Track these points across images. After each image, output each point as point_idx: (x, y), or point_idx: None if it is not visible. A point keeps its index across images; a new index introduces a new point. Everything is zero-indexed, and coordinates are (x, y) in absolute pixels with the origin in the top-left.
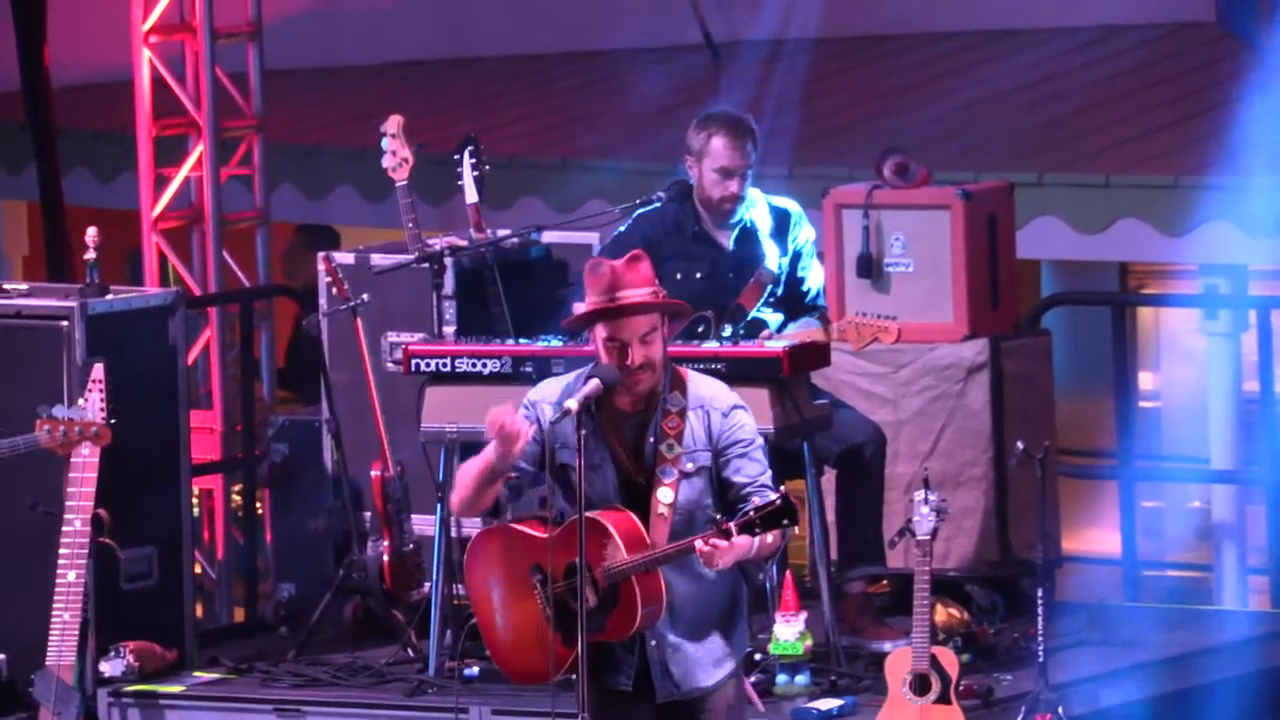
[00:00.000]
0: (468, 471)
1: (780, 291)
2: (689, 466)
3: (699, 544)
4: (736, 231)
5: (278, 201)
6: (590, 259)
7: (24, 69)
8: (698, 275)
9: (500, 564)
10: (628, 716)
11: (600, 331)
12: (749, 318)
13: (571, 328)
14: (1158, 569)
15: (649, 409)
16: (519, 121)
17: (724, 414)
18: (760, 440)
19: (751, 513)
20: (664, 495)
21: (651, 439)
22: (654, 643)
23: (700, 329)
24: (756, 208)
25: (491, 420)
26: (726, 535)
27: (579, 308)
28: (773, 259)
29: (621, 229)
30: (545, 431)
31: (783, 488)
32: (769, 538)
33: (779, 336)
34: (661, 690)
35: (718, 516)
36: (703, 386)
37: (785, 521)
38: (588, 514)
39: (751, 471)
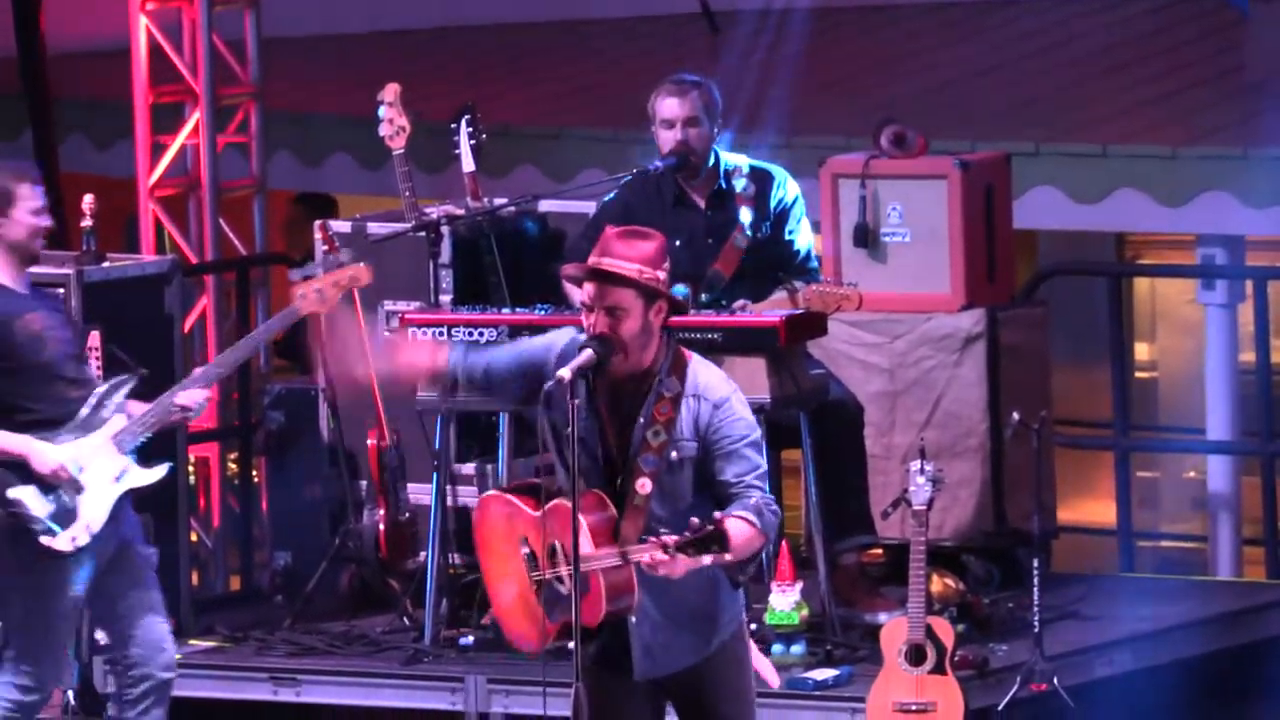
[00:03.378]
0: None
1: (766, 254)
2: (674, 456)
3: (645, 558)
4: (711, 195)
5: (274, 169)
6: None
7: (20, 36)
8: (676, 243)
9: (498, 530)
10: (621, 690)
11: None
12: (726, 283)
13: (570, 279)
14: (1153, 540)
15: (643, 386)
16: (516, 90)
17: (715, 405)
18: (755, 435)
19: (687, 534)
20: (641, 485)
21: (641, 421)
22: (634, 620)
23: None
24: (736, 173)
25: None
26: (666, 550)
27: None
28: (748, 225)
29: (608, 196)
30: (541, 403)
31: (731, 514)
32: (730, 550)
33: (754, 308)
34: (641, 669)
35: (663, 533)
36: (700, 374)
37: (714, 548)
38: (564, 502)
39: (739, 469)
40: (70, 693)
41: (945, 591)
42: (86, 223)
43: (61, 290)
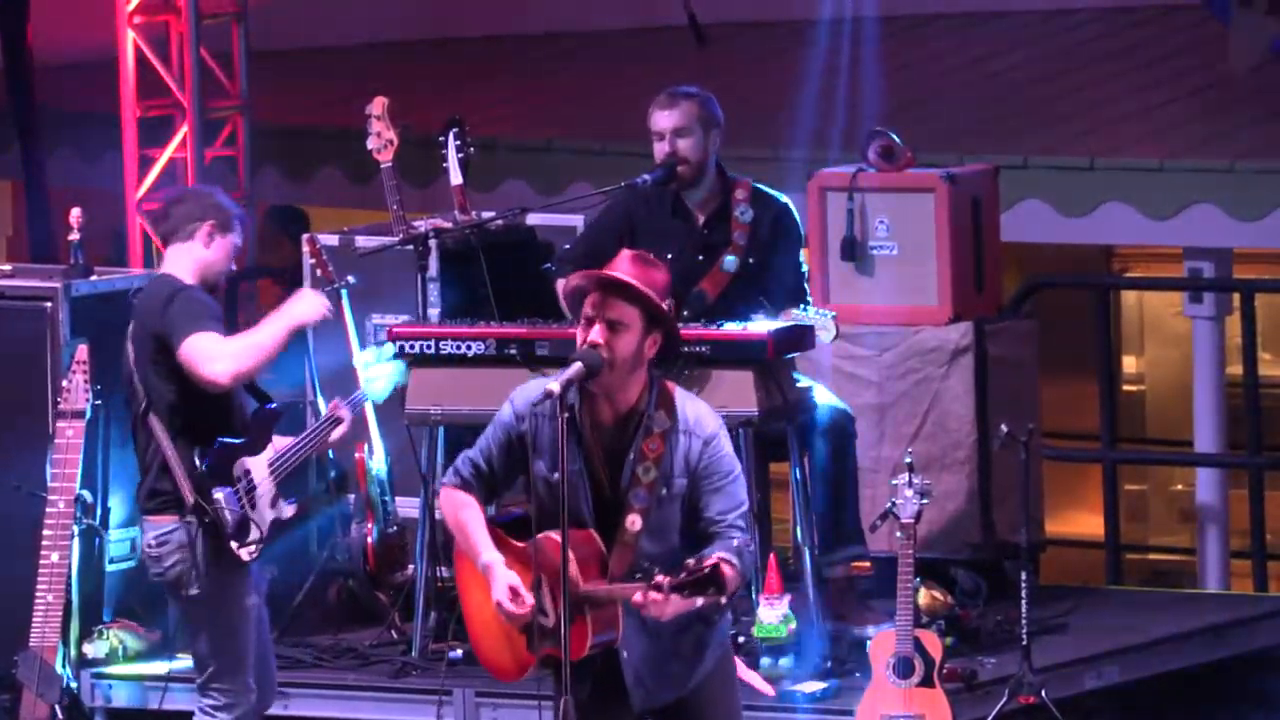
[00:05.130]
0: (461, 537)
1: (755, 281)
2: (664, 492)
3: (637, 596)
4: (711, 214)
5: (262, 183)
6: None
7: (7, 48)
8: (668, 256)
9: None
10: (612, 716)
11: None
12: (707, 305)
13: (567, 297)
14: (1141, 552)
15: (630, 425)
16: (504, 104)
17: (705, 441)
18: (738, 470)
19: (684, 575)
20: (631, 523)
21: (631, 457)
22: (625, 654)
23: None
24: (739, 194)
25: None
26: (660, 590)
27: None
28: (741, 249)
29: (605, 206)
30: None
31: (716, 556)
32: (725, 593)
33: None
34: (636, 699)
35: (655, 571)
36: (689, 409)
37: (711, 590)
38: (551, 535)
39: (723, 507)
40: (57, 706)
41: (933, 604)
42: (74, 236)
43: (49, 304)
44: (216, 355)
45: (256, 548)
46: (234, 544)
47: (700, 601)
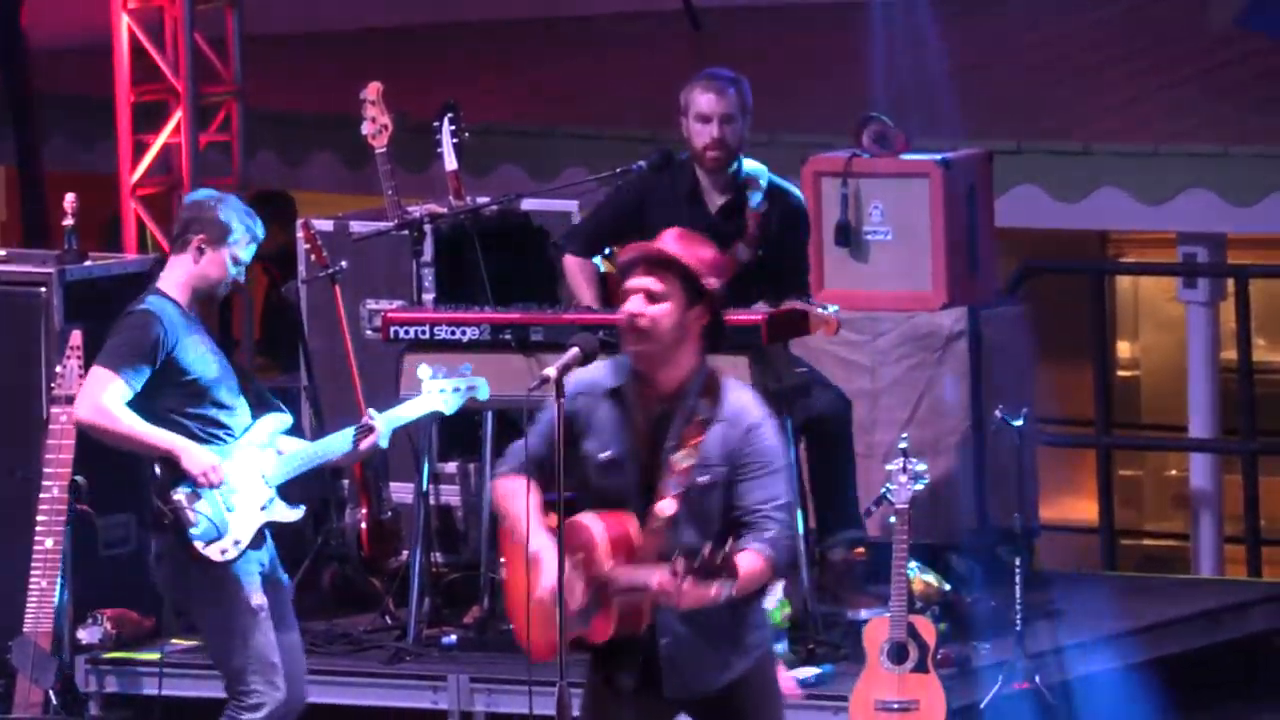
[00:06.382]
0: (511, 522)
1: (763, 270)
2: (703, 480)
3: (654, 581)
4: (725, 202)
5: (257, 168)
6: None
7: (1, 33)
8: None
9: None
10: (646, 708)
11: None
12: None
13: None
14: (1135, 537)
15: (674, 409)
16: (499, 89)
17: (747, 429)
18: (781, 463)
19: (697, 562)
20: (664, 508)
21: (671, 443)
22: (665, 640)
23: None
24: (753, 185)
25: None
26: (677, 574)
27: None
28: (752, 239)
29: (620, 184)
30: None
31: (744, 546)
32: (737, 584)
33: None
34: (670, 688)
35: (675, 558)
36: (733, 396)
37: (723, 576)
38: (582, 517)
39: (760, 497)
40: (51, 692)
41: (927, 590)
42: (68, 221)
43: (43, 289)
44: (91, 395)
45: (233, 550)
46: (199, 544)
47: (714, 590)
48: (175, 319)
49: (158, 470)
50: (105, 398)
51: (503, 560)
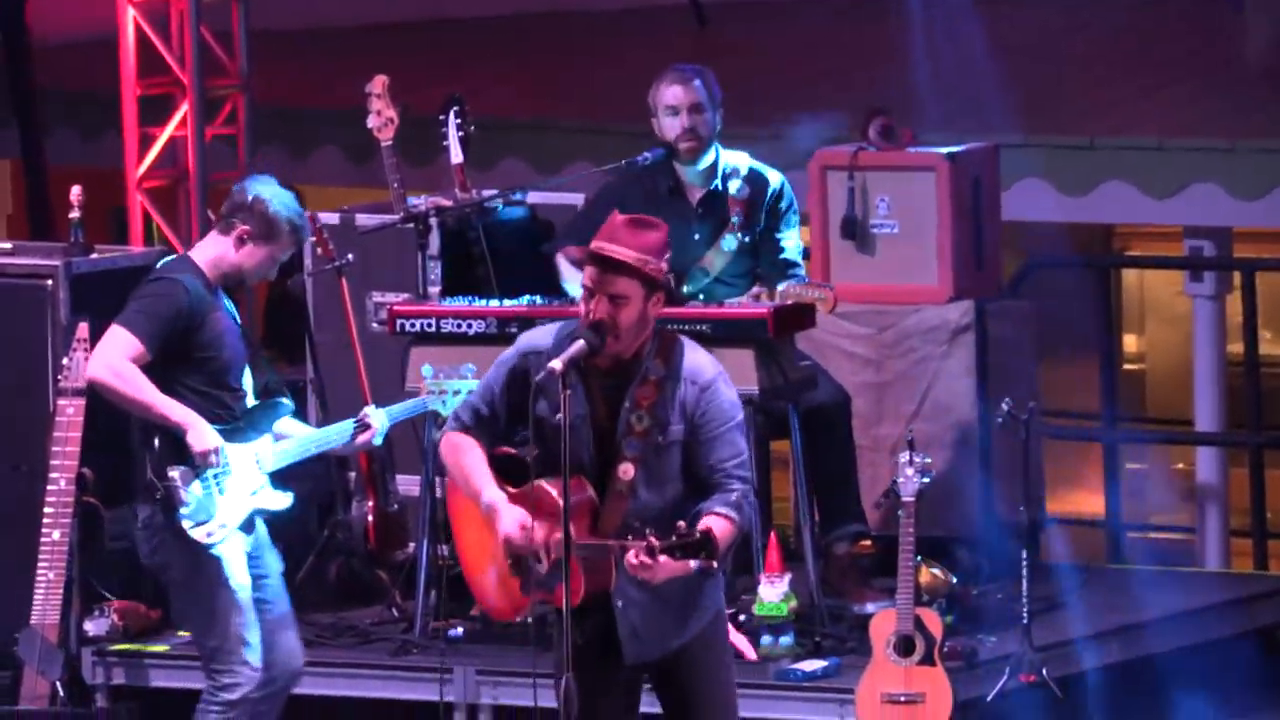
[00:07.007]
0: (461, 477)
1: (753, 258)
2: (659, 440)
3: (629, 558)
4: (707, 192)
5: (262, 162)
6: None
7: (6, 26)
8: None
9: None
10: (603, 672)
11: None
12: (710, 280)
13: (574, 262)
14: (1141, 531)
15: (628, 372)
16: (504, 82)
17: (702, 388)
18: (739, 417)
19: (674, 538)
20: (624, 471)
21: (626, 405)
22: (620, 604)
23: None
24: (734, 174)
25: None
26: (652, 553)
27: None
28: (737, 227)
29: (604, 184)
30: (532, 385)
31: (710, 514)
32: (717, 556)
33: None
34: (629, 653)
35: (648, 532)
36: (688, 357)
37: (703, 555)
38: (544, 483)
39: (722, 455)
40: (58, 684)
41: (934, 583)
42: (74, 214)
43: (49, 282)
44: (109, 354)
45: (219, 533)
46: (187, 524)
47: (693, 564)
48: (201, 293)
49: (157, 444)
50: (124, 360)
51: (447, 553)
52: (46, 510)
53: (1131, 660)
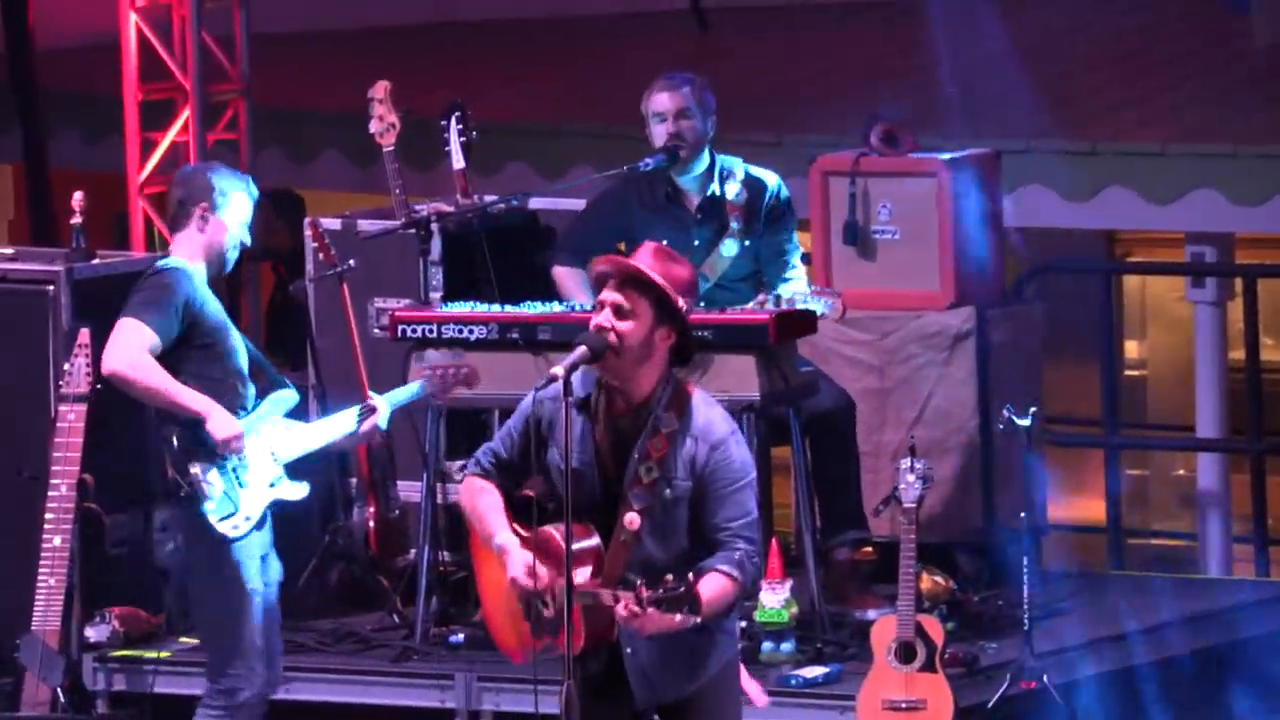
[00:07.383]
0: (477, 520)
1: (752, 263)
2: (666, 494)
3: (619, 609)
4: (704, 199)
5: (264, 167)
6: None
7: (9, 30)
8: (664, 242)
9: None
10: (615, 707)
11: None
12: (710, 285)
13: (593, 284)
14: (1143, 537)
15: (640, 422)
16: (506, 87)
17: (713, 446)
18: (749, 478)
19: (660, 590)
20: (629, 521)
21: (635, 456)
22: (630, 650)
23: None
24: (730, 178)
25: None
26: (641, 604)
27: None
28: (737, 232)
29: (600, 193)
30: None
31: (711, 570)
32: (700, 613)
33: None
34: (641, 698)
35: (639, 583)
36: (700, 413)
37: (686, 608)
38: (552, 528)
39: (728, 515)
40: (59, 690)
41: (935, 589)
42: (76, 219)
43: (51, 287)
44: (124, 347)
45: (244, 525)
46: (213, 518)
47: (679, 619)
48: (203, 281)
49: (175, 441)
50: (140, 352)
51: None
52: (47, 516)
53: (1133, 667)
